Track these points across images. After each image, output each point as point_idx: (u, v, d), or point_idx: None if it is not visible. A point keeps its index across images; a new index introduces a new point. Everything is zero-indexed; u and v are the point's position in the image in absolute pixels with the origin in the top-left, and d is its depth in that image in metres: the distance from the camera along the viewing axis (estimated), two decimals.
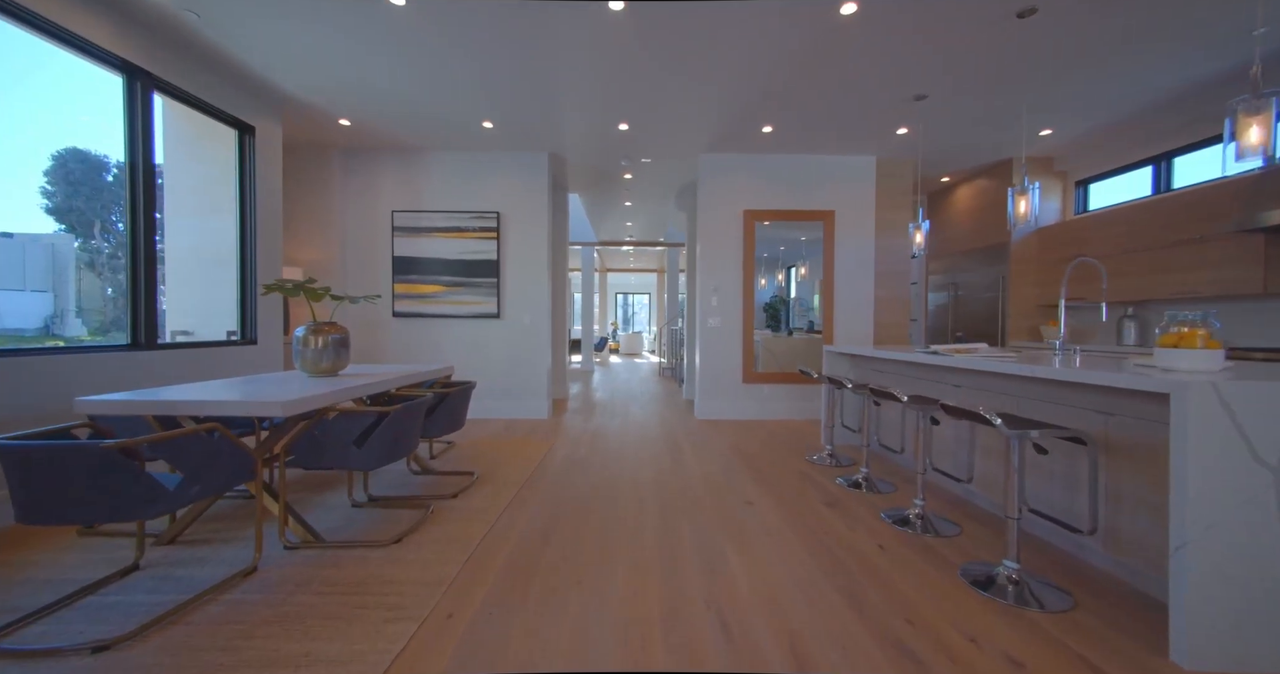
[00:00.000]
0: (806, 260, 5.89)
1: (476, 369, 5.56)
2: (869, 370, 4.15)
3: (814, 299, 5.93)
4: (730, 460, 3.90)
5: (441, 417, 3.06)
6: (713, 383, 5.61)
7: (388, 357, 5.53)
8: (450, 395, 3.07)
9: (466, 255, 5.51)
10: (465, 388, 3.20)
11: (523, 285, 5.58)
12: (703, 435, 4.77)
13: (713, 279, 5.62)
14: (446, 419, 3.10)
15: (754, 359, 5.60)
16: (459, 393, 3.14)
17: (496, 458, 3.88)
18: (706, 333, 5.62)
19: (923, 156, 5.54)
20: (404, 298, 5.51)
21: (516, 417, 5.58)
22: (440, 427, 3.07)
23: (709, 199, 5.60)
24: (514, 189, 5.55)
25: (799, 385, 5.60)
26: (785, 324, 5.89)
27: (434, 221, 5.49)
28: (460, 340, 5.57)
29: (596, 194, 7.47)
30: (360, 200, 5.49)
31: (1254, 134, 2.10)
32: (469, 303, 5.53)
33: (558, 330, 7.01)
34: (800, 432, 4.95)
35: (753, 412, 5.59)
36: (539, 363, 5.58)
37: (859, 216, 5.57)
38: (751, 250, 5.58)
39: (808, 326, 5.89)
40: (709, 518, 2.75)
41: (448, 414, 3.11)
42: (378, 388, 2.71)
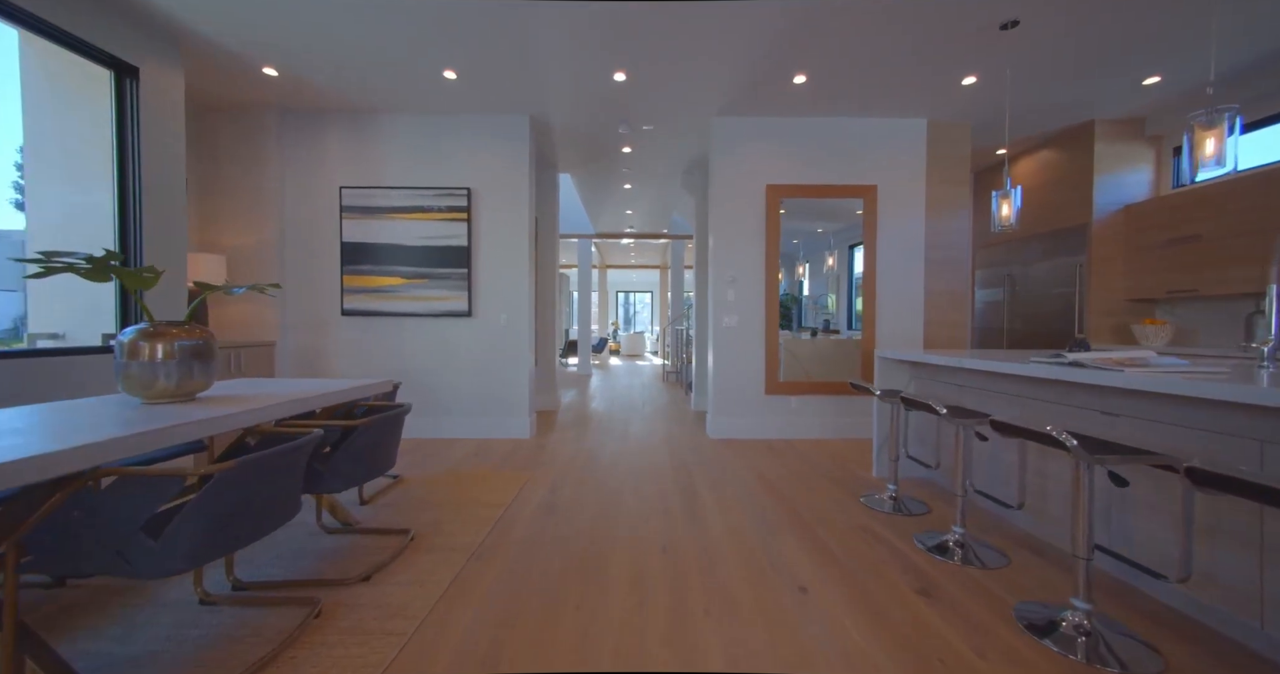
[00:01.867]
0: (833, 250, 4.93)
1: (442, 380, 4.61)
2: (937, 383, 3.18)
3: (828, 298, 4.97)
4: (762, 504, 2.93)
5: (351, 458, 2.10)
6: (729, 394, 4.64)
7: (334, 365, 4.58)
8: (362, 429, 2.10)
9: (431, 241, 4.56)
10: (390, 415, 2.23)
11: (499, 277, 4.62)
12: (720, 463, 3.80)
13: (729, 269, 4.65)
14: (360, 460, 2.13)
15: (779, 365, 4.63)
16: (380, 423, 2.18)
17: (450, 501, 2.92)
18: (721, 334, 4.66)
19: (981, 121, 4.57)
20: (355, 292, 4.55)
21: (492, 436, 4.63)
22: (349, 472, 2.10)
23: (724, 173, 4.63)
24: (488, 160, 4.59)
25: (832, 397, 4.63)
26: (796, 324, 4.92)
27: (391, 200, 4.54)
28: (423, 344, 4.61)
29: (591, 174, 6.50)
30: (302, 174, 4.54)
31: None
32: (434, 298, 4.58)
33: (545, 332, 6.05)
34: (840, 457, 3.98)
35: (777, 429, 4.63)
36: (518, 371, 4.63)
37: (906, 192, 4.60)
38: (776, 233, 4.61)
39: (823, 327, 4.92)
40: (748, 622, 1.78)
41: (365, 453, 2.15)
42: (242, 421, 1.75)
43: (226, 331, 4.35)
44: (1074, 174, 4.72)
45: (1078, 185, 4.67)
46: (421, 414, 4.62)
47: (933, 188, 4.64)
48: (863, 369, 4.61)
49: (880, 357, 3.44)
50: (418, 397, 4.61)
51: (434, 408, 4.62)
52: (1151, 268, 4.30)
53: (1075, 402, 2.20)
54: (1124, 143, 4.52)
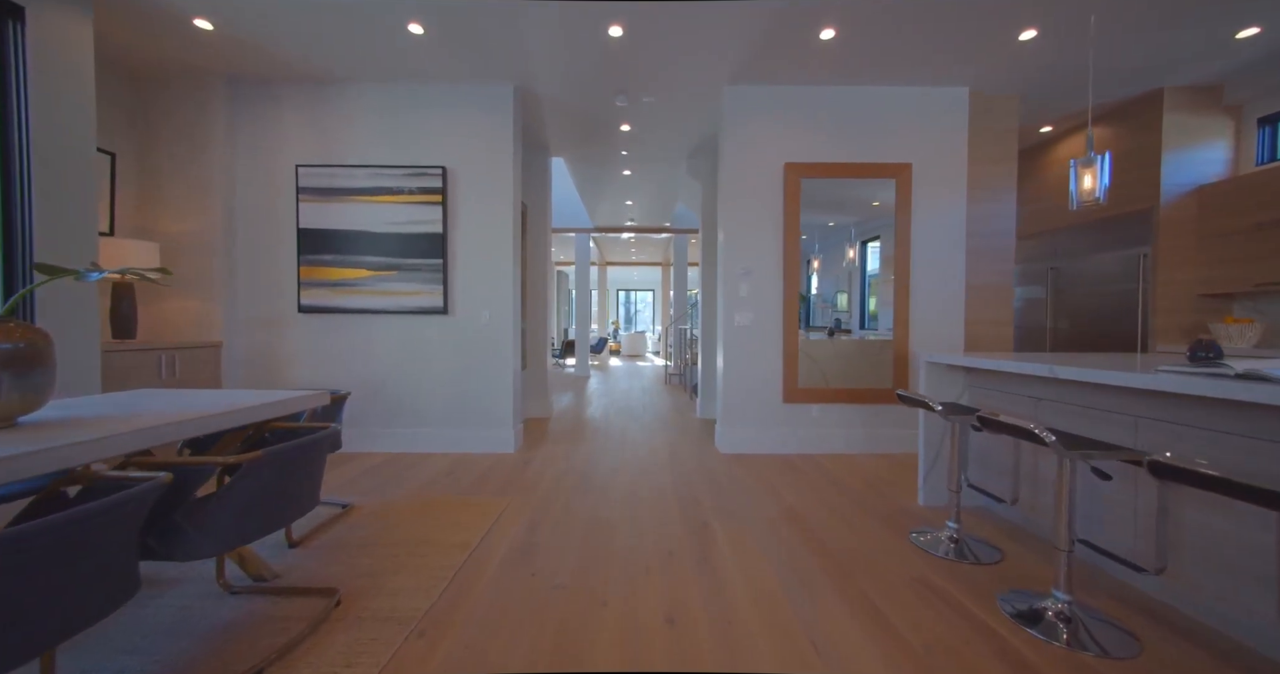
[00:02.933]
0: (853, 242, 4.34)
1: (414, 387, 4.03)
2: (1003, 394, 2.60)
3: (839, 296, 4.39)
4: (790, 546, 2.36)
5: (234, 507, 1.51)
6: (742, 402, 4.07)
7: (290, 370, 4.01)
8: (250, 467, 1.51)
9: (401, 227, 3.99)
10: (297, 445, 1.65)
11: (480, 270, 4.05)
12: (734, 487, 3.23)
13: (741, 260, 4.08)
14: (251, 510, 1.55)
15: (798, 369, 4.05)
16: (281, 456, 1.59)
17: (404, 541, 2.35)
18: (732, 334, 4.08)
19: (1031, 90, 3.99)
20: (314, 286, 3.98)
21: (470, 450, 4.06)
22: (231, 527, 1.51)
23: (737, 150, 4.05)
24: (467, 136, 4.02)
25: (859, 406, 4.05)
26: (805, 324, 4.33)
27: (355, 180, 3.97)
28: (393, 346, 4.04)
29: (587, 158, 5.93)
30: (252, 151, 3.97)
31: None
32: (404, 293, 4.01)
33: (536, 331, 5.48)
34: (874, 478, 3.40)
35: (798, 443, 4.05)
36: (501, 377, 4.06)
37: (945, 172, 4.01)
38: (795, 218, 4.03)
39: (833, 327, 4.33)
40: None
41: (259, 498, 1.57)
42: (46, 462, 1.18)
43: (161, 332, 3.78)
44: (1137, 152, 4.13)
45: (1142, 165, 4.08)
46: (391, 425, 4.05)
47: (975, 167, 4.05)
48: (895, 374, 4.03)
49: (928, 361, 2.86)
50: (386, 406, 4.04)
51: (405, 418, 4.05)
52: (1231, 258, 3.72)
53: (1225, 425, 1.62)
54: (1198, 114, 3.92)
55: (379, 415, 4.04)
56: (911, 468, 3.61)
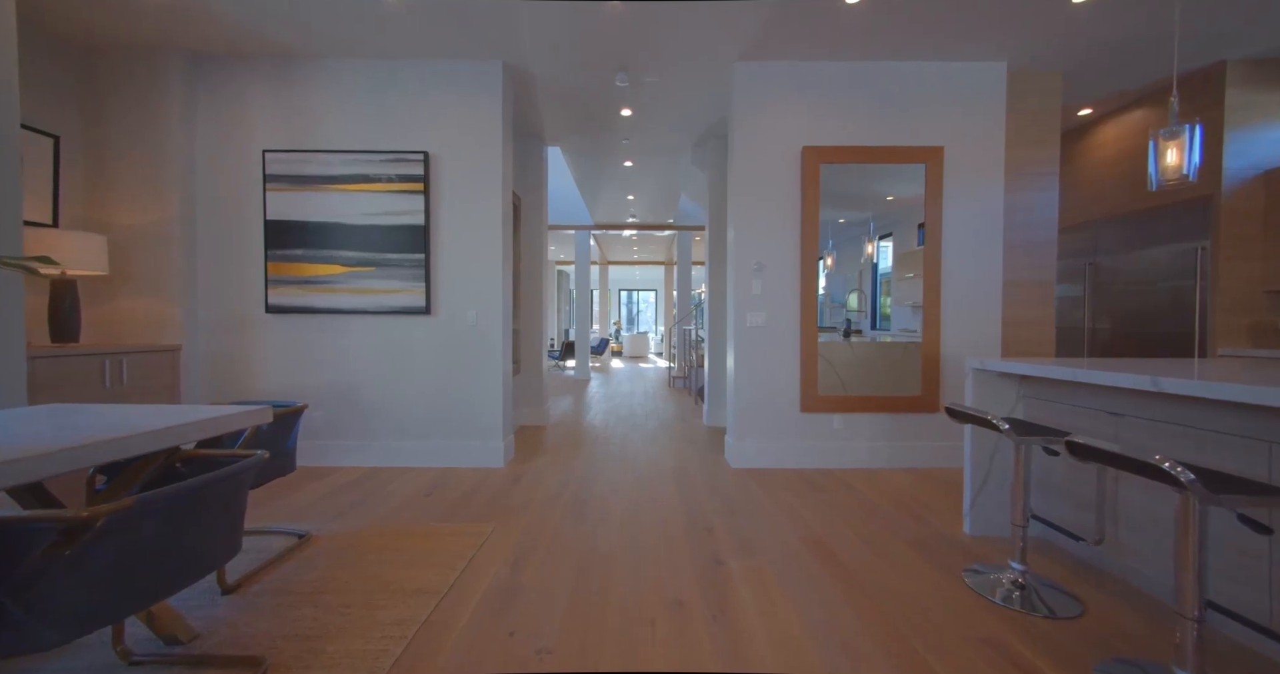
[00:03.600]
0: (872, 237, 3.95)
1: (393, 394, 3.66)
2: (1068, 407, 2.21)
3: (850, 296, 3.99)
4: (823, 590, 1.97)
5: (92, 578, 1.11)
6: (755, 412, 3.68)
7: (257, 376, 3.64)
8: (117, 519, 1.11)
9: (379, 218, 3.62)
10: (203, 482, 1.27)
11: (466, 265, 3.67)
12: (750, 510, 2.84)
13: (754, 254, 3.69)
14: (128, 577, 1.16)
15: (817, 375, 3.66)
16: (177, 499, 1.21)
17: (360, 585, 1.97)
18: (744, 336, 3.69)
19: (1074, 66, 3.59)
20: (283, 284, 3.61)
21: (455, 464, 3.68)
22: (86, 603, 1.12)
23: (750, 133, 3.67)
24: (452, 118, 3.64)
25: (885, 416, 3.66)
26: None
27: (328, 167, 3.60)
28: (370, 349, 3.67)
29: (586, 147, 5.55)
30: (215, 134, 3.61)
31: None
32: (383, 291, 3.63)
33: (531, 333, 5.11)
34: (908, 498, 3.01)
35: (817, 456, 3.66)
36: (490, 383, 3.68)
37: (980, 156, 3.62)
38: (814, 207, 3.64)
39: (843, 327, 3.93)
40: None
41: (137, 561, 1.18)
42: None
43: (113, 334, 3.42)
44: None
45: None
46: (368, 436, 3.67)
47: (1014, 151, 3.66)
48: (924, 380, 3.64)
49: (976, 368, 2.47)
50: (363, 416, 3.67)
51: (384, 429, 3.68)
52: None
53: None
54: (1266, 89, 3.52)
55: (355, 426, 3.67)
56: (946, 485, 3.22)
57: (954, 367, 3.63)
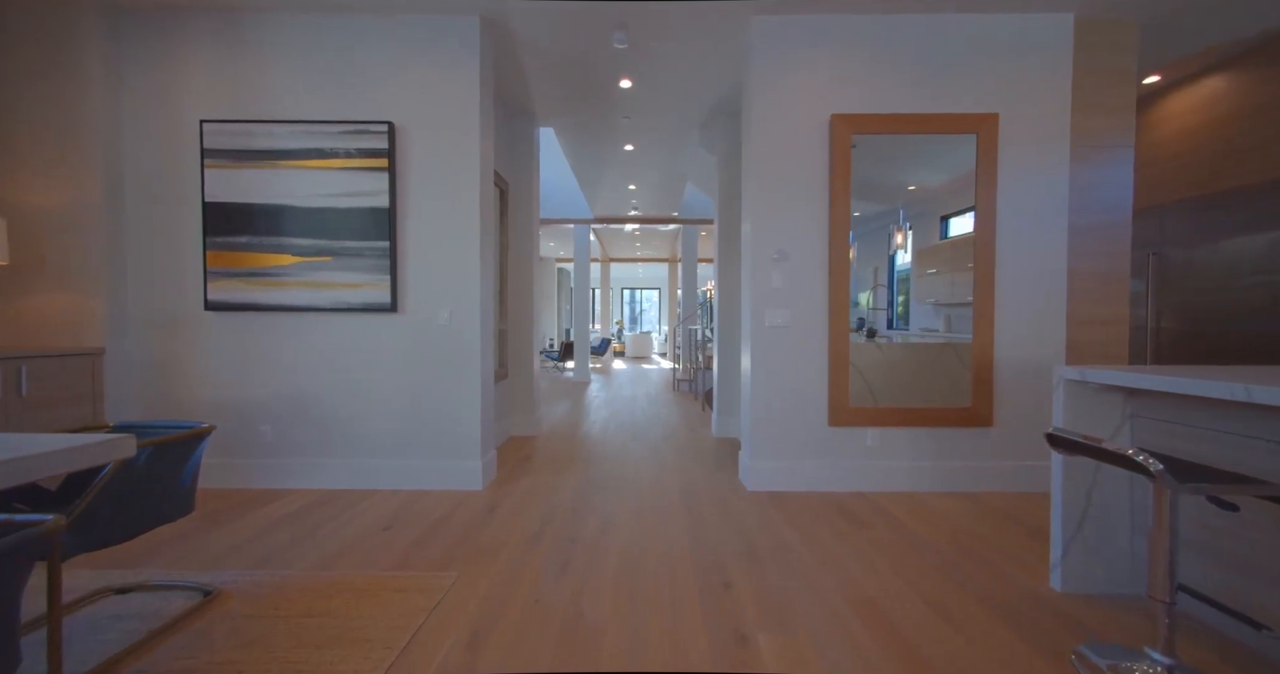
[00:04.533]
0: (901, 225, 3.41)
1: (354, 405, 3.14)
2: (1193, 431, 1.67)
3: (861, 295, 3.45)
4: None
5: None
6: (776, 425, 3.15)
7: (196, 385, 3.13)
8: None
9: (336, 200, 3.10)
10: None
11: (438, 255, 3.16)
12: (778, 555, 2.30)
13: (774, 241, 3.16)
14: None
15: (848, 382, 3.13)
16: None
17: (260, 663, 1.45)
18: (763, 338, 3.16)
19: (1147, 20, 3.05)
20: (225, 276, 3.10)
21: (425, 486, 3.16)
22: None
23: (769, 100, 3.13)
24: (421, 82, 3.12)
25: (927, 431, 3.12)
26: None
27: (277, 140, 3.08)
28: (326, 352, 3.15)
29: (582, 127, 5.02)
30: (144, 102, 3.09)
31: None
32: (341, 285, 3.12)
33: (519, 334, 4.59)
34: (963, 533, 2.47)
35: (849, 477, 3.12)
36: (465, 392, 3.16)
37: (1041, 125, 3.08)
38: (845, 185, 3.10)
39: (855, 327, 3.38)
40: None
41: None
42: None
43: (15, 334, 2.91)
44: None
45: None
46: (324, 454, 3.16)
47: (1081, 119, 3.12)
48: (975, 389, 3.10)
49: (1071, 379, 1.93)
50: (318, 430, 3.16)
51: (343, 445, 3.16)
52: None
53: None
54: None
55: (309, 442, 3.15)
56: (1010, 519, 2.68)
57: (1010, 373, 3.09)
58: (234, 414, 3.13)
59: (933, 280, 3.44)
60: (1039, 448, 3.09)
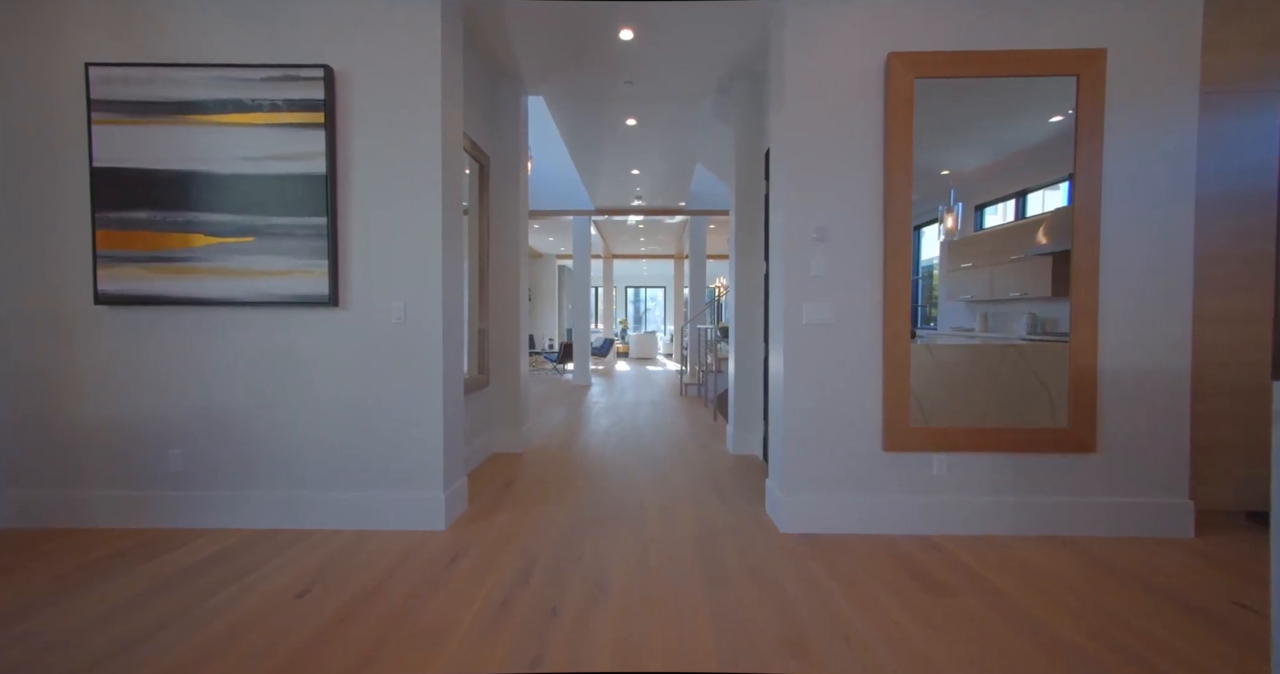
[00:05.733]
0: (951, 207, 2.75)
1: (284, 423, 2.50)
2: None
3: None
4: None
5: None
6: (816, 449, 2.48)
7: (88, 398, 2.49)
8: None
9: (260, 165, 2.46)
10: None
11: (391, 234, 2.51)
12: (833, 644, 1.63)
13: (813, 217, 2.49)
14: None
15: (909, 394, 2.45)
16: None
17: None
18: (798, 338, 2.50)
19: None
20: (121, 261, 2.46)
21: (374, 526, 2.51)
22: None
23: (807, 38, 2.47)
24: (367, 16, 2.48)
25: (1008, 458, 2.44)
26: None
27: (185, 89, 2.44)
28: (250, 358, 2.51)
29: (576, 94, 4.36)
30: (14, 40, 2.46)
31: None
32: (267, 272, 2.48)
33: (504, 334, 3.95)
34: (1089, 609, 1.80)
35: (909, 516, 2.45)
36: (424, 407, 2.51)
37: (1161, 65, 2.39)
38: (906, 143, 2.43)
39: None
40: None
41: None
42: None
43: None
44: None
45: None
46: (250, 484, 2.52)
47: (1214, 57, 2.43)
48: (1074, 403, 2.41)
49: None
50: (241, 455, 2.51)
51: (272, 474, 2.52)
52: None
53: None
54: None
55: (229, 469, 2.51)
56: (1134, 577, 2.00)
57: (1118, 384, 2.41)
58: (133, 435, 2.49)
59: (968, 275, 2.87)
60: (1156, 481, 2.41)
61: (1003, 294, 2.76)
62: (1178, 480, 2.40)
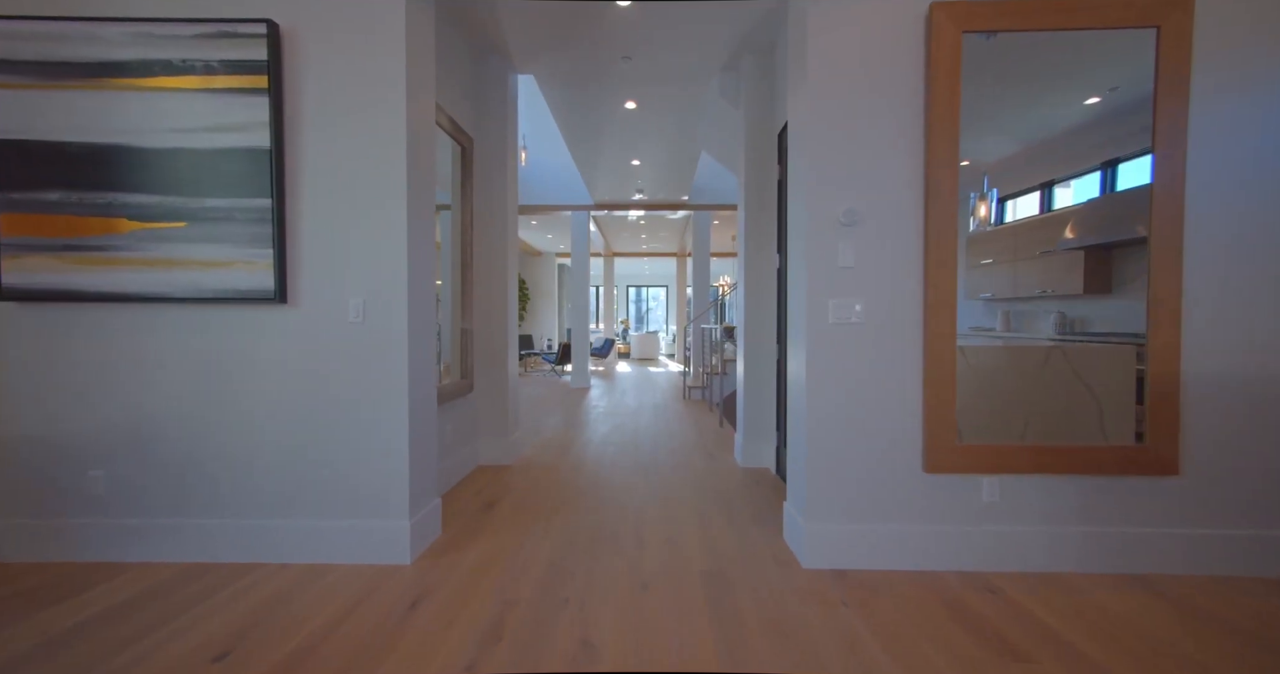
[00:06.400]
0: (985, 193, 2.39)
1: (223, 441, 2.14)
2: None
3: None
4: None
5: None
6: (845, 470, 2.11)
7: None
8: None
9: (191, 137, 2.10)
10: None
11: (347, 221, 2.15)
12: None
13: (841, 197, 2.12)
14: None
15: (954, 406, 2.08)
16: None
17: None
18: (824, 339, 2.13)
19: None
20: (28, 249, 2.10)
21: (329, 560, 2.15)
22: None
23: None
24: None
25: (1067, 479, 2.07)
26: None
27: (104, 47, 2.08)
28: (182, 364, 2.15)
29: (570, 76, 4.00)
30: None
31: None
32: (201, 263, 2.12)
33: (490, 334, 3.59)
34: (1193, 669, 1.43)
35: (956, 548, 2.08)
36: (386, 420, 2.15)
37: (1253, 11, 2.01)
38: (952, 108, 2.06)
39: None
40: None
41: None
42: None
43: None
44: None
45: None
46: (181, 513, 2.16)
47: None
48: (1152, 417, 2.04)
49: None
50: (172, 478, 2.16)
51: (208, 500, 2.16)
52: None
53: None
54: None
55: (160, 493, 2.15)
56: (1254, 641, 1.62)
57: (1206, 394, 2.03)
58: (47, 453, 2.13)
59: (988, 272, 2.51)
60: (1253, 508, 2.03)
61: (1027, 291, 2.43)
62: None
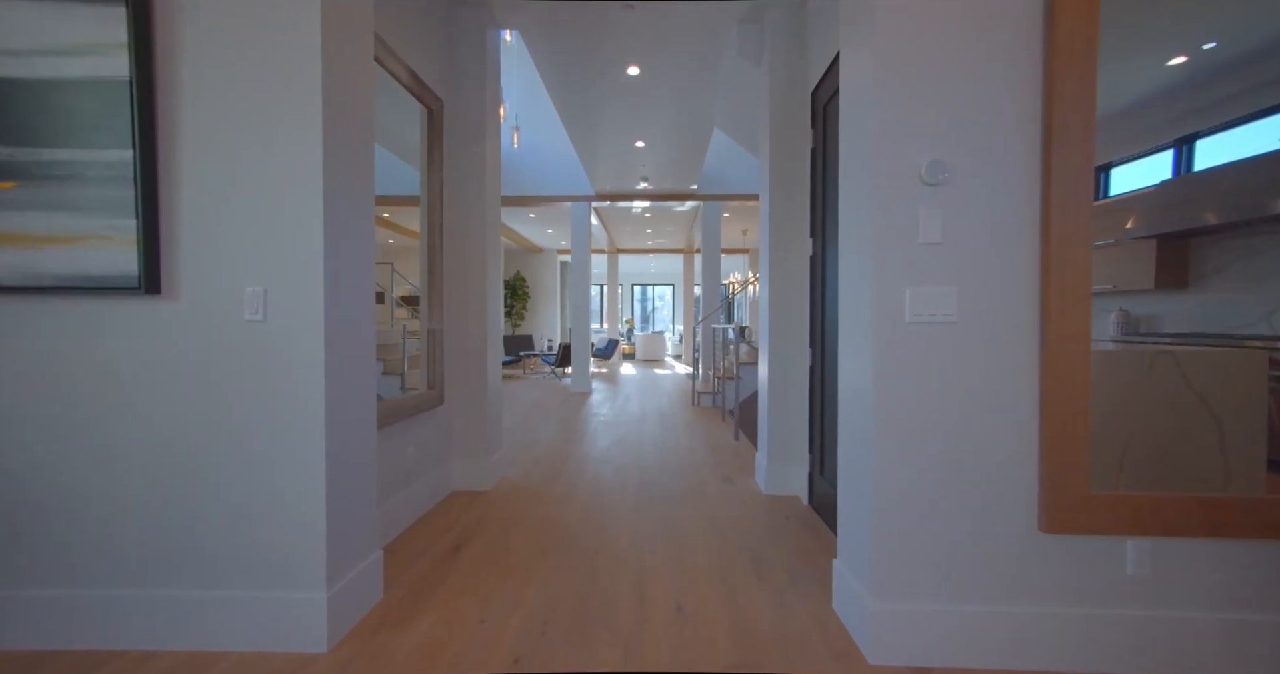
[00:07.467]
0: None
1: (72, 480, 1.57)
2: None
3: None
4: None
5: None
6: (927, 528, 1.51)
7: None
8: None
9: (25, 65, 1.52)
10: None
11: (242, 183, 1.56)
12: None
13: (917, 146, 1.51)
14: None
15: (1086, 441, 1.47)
16: None
17: None
18: (899, 345, 1.52)
19: None
20: None
21: (218, 645, 1.57)
22: None
23: None
24: None
25: (1236, 544, 1.46)
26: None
27: None
28: (20, 376, 1.58)
29: (561, 34, 3.40)
30: None
31: None
32: (39, 239, 1.54)
33: (467, 335, 3.01)
34: None
35: (1089, 641, 1.47)
36: (295, 456, 1.56)
37: None
38: (1091, 34, 1.45)
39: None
40: None
41: None
42: None
43: None
44: None
45: None
46: (15, 581, 1.58)
47: None
48: None
49: None
50: (12, 533, 1.58)
51: (53, 564, 1.58)
52: None
53: None
54: None
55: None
56: None
57: None
58: None
59: None
60: None
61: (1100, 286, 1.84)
62: None
